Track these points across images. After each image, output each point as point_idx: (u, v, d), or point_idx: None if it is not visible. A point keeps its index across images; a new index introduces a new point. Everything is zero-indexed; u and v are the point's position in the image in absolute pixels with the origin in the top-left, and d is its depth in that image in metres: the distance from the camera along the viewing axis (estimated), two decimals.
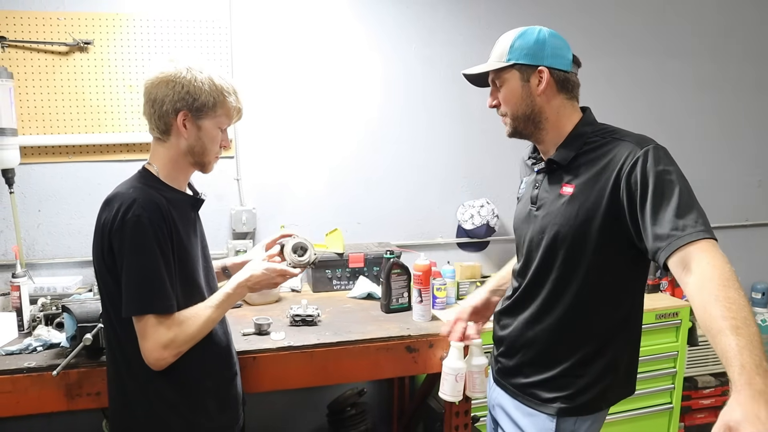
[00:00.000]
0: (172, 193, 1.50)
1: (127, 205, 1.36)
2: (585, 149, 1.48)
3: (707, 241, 1.19)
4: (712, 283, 1.10)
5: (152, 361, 1.38)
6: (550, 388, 1.51)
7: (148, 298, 1.36)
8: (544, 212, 1.52)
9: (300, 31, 2.75)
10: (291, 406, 2.92)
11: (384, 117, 2.92)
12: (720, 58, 3.45)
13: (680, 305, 2.84)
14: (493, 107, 1.59)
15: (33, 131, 2.45)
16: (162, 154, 1.51)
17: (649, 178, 1.30)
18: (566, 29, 3.10)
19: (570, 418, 1.50)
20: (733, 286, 1.09)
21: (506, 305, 1.65)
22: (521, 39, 1.49)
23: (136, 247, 1.36)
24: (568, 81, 1.51)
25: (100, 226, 1.41)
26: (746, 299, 1.07)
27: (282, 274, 1.63)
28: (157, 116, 1.46)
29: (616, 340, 1.48)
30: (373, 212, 2.95)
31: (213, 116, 1.49)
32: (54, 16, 2.42)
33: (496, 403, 1.71)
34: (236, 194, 2.75)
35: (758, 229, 3.67)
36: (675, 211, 1.24)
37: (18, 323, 2.02)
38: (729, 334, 1.01)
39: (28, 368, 1.73)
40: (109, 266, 1.40)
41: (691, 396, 3.09)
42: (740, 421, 0.89)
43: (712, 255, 1.16)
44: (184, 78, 1.44)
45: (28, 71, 2.42)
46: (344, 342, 1.97)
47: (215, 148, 1.55)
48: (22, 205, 2.46)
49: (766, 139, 3.62)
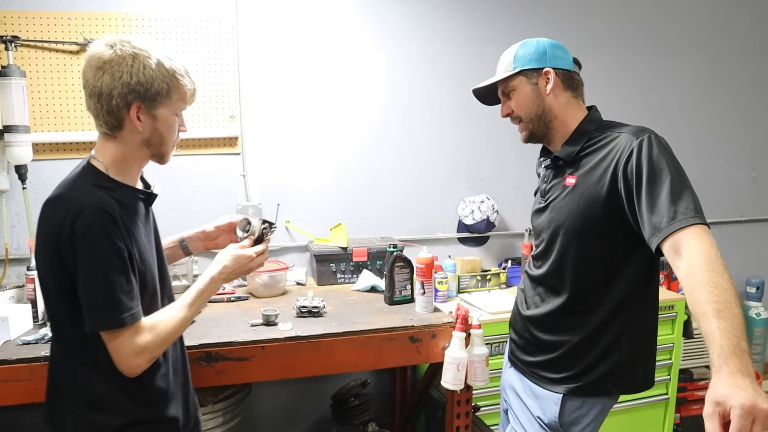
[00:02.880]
0: (122, 191, 1.36)
1: (75, 212, 1.24)
2: (587, 144, 1.57)
3: (697, 227, 1.27)
4: (698, 268, 1.17)
5: (126, 370, 1.31)
6: (555, 369, 1.61)
7: (113, 312, 1.27)
8: (551, 204, 1.62)
9: (305, 29, 2.81)
10: (295, 397, 2.99)
11: (386, 115, 2.98)
12: (713, 56, 3.51)
13: (676, 298, 2.90)
14: (507, 116, 1.69)
15: (45, 128, 2.51)
16: (111, 150, 1.36)
17: (644, 167, 1.38)
18: (563, 28, 3.20)
19: (576, 399, 1.58)
20: (718, 270, 1.15)
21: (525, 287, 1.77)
22: (523, 48, 1.62)
23: (90, 259, 1.25)
24: (572, 79, 1.62)
25: (43, 229, 1.29)
26: (731, 282, 1.14)
27: (251, 258, 1.56)
28: (105, 111, 1.32)
29: (617, 321, 1.55)
30: (375, 208, 3.01)
31: (168, 103, 1.36)
32: (65, 16, 2.47)
33: (508, 385, 1.81)
34: (242, 190, 2.80)
35: (753, 225, 3.73)
36: (668, 198, 1.32)
37: (33, 315, 2.08)
38: (711, 318, 1.07)
39: (45, 357, 1.77)
40: (60, 278, 1.29)
41: (687, 387, 3.15)
42: (726, 395, 0.95)
43: (701, 240, 1.23)
44: (130, 66, 1.29)
45: (40, 70, 2.48)
46: (350, 332, 2.03)
47: (173, 137, 1.42)
48: (35, 201, 2.51)
49: (759, 135, 3.68)
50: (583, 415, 1.60)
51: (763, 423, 0.93)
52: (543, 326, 1.65)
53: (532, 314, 1.68)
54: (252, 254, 1.57)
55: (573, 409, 1.59)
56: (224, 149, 2.75)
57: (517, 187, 3.19)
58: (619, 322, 1.55)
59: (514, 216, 3.22)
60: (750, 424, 0.93)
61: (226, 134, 2.73)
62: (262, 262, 1.63)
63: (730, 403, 0.95)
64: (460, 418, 2.15)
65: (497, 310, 2.59)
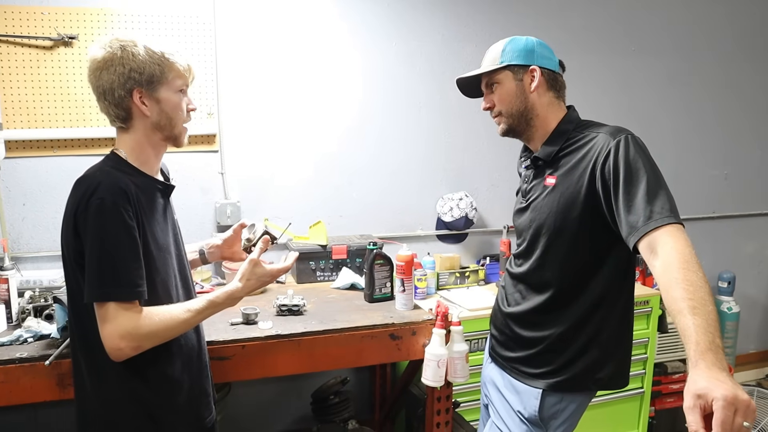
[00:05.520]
0: (141, 178, 1.44)
1: (93, 188, 1.31)
2: (566, 144, 1.59)
3: (673, 226, 1.30)
4: (674, 267, 1.20)
5: (109, 349, 1.31)
6: (535, 364, 1.64)
7: (110, 285, 1.30)
8: (532, 204, 1.65)
9: (283, 27, 2.79)
10: (276, 395, 2.98)
11: (365, 113, 2.98)
12: (689, 55, 3.57)
13: (650, 294, 2.95)
14: (487, 109, 1.70)
15: (18, 125, 2.46)
16: (128, 141, 1.45)
17: (621, 168, 1.41)
18: (542, 26, 3.22)
19: (555, 394, 1.61)
20: (693, 268, 1.18)
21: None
22: (512, 44, 1.63)
23: (99, 231, 1.30)
24: (556, 80, 1.65)
25: (68, 208, 1.37)
26: (705, 280, 1.17)
27: (273, 276, 1.58)
28: (114, 105, 1.40)
29: (595, 318, 1.58)
30: (355, 205, 3.01)
31: (166, 83, 1.43)
32: (38, 10, 2.42)
33: (488, 380, 1.83)
34: (221, 188, 2.78)
35: (724, 221, 3.82)
36: (644, 198, 1.35)
37: (7, 315, 2.04)
38: (687, 315, 1.10)
39: (20, 359, 1.75)
40: (74, 250, 1.35)
41: (661, 381, 3.21)
42: (707, 387, 0.98)
43: (676, 239, 1.26)
44: (121, 58, 1.37)
45: (12, 65, 2.42)
46: (330, 330, 2.03)
47: (182, 116, 1.48)
48: (7, 199, 2.47)
49: (732, 134, 3.76)
50: (563, 410, 1.63)
51: (744, 413, 0.96)
52: (523, 323, 1.67)
53: (512, 311, 1.70)
54: (275, 271, 1.58)
55: (552, 403, 1.62)
56: (202, 146, 2.72)
57: (495, 184, 3.22)
58: (598, 319, 1.58)
59: (492, 213, 3.25)
60: (732, 415, 0.95)
61: (204, 131, 2.70)
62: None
63: (711, 395, 0.97)
64: (440, 415, 2.16)
65: (476, 307, 2.61)
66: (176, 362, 1.49)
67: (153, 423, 1.45)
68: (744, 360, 3.98)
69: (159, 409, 1.46)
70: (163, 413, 1.47)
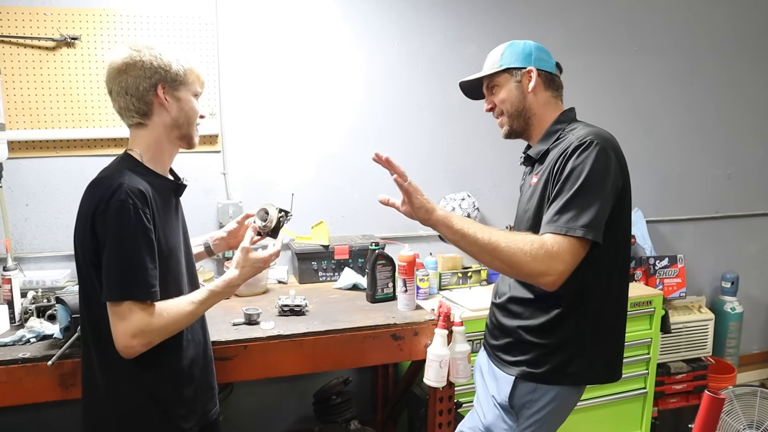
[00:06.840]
0: (156, 179, 1.49)
1: (113, 189, 1.35)
2: (554, 144, 1.65)
3: (564, 237, 1.45)
4: (511, 234, 1.50)
5: (120, 348, 1.35)
6: (511, 352, 1.68)
7: (129, 284, 1.34)
8: (521, 202, 1.75)
9: (286, 27, 2.79)
10: (278, 395, 2.98)
11: (367, 113, 2.98)
12: (691, 54, 3.56)
13: (654, 294, 2.95)
14: (490, 110, 1.77)
15: (21, 126, 2.46)
16: (144, 138, 1.50)
17: (567, 169, 1.50)
18: (543, 26, 3.22)
19: (528, 383, 1.64)
20: (513, 239, 1.48)
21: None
22: (510, 48, 1.70)
23: (119, 232, 1.34)
24: (553, 81, 1.71)
25: (84, 209, 1.39)
26: (509, 248, 1.45)
27: (267, 261, 1.63)
28: (135, 99, 1.45)
29: (575, 315, 1.60)
30: (357, 205, 3.01)
31: (186, 84, 1.51)
32: (41, 11, 2.43)
33: (477, 367, 1.89)
34: (223, 188, 2.78)
35: (727, 221, 3.79)
36: (564, 203, 1.47)
37: (10, 316, 2.04)
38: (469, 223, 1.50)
39: (23, 359, 1.76)
40: (91, 250, 1.37)
41: (664, 381, 3.21)
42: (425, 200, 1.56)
43: (551, 242, 1.45)
44: (148, 58, 1.44)
45: (15, 66, 2.43)
46: (332, 330, 2.04)
47: (196, 118, 1.56)
48: (10, 199, 2.48)
49: (735, 133, 3.75)
50: (536, 400, 1.64)
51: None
52: (504, 311, 1.72)
53: (498, 301, 1.76)
54: (267, 257, 1.63)
55: (525, 392, 1.64)
56: (204, 147, 2.72)
57: (497, 185, 3.22)
58: (579, 316, 1.60)
59: (495, 213, 3.24)
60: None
61: (206, 132, 2.70)
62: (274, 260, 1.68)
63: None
64: (442, 415, 2.17)
65: (478, 307, 2.60)
66: (185, 356, 1.53)
67: (163, 415, 1.49)
68: (747, 360, 3.97)
69: (169, 402, 1.50)
70: (172, 405, 1.51)
